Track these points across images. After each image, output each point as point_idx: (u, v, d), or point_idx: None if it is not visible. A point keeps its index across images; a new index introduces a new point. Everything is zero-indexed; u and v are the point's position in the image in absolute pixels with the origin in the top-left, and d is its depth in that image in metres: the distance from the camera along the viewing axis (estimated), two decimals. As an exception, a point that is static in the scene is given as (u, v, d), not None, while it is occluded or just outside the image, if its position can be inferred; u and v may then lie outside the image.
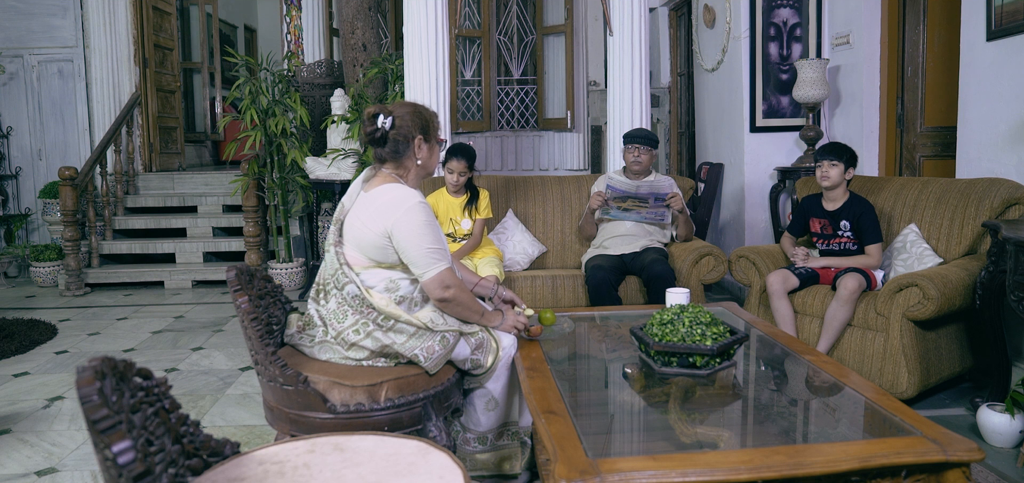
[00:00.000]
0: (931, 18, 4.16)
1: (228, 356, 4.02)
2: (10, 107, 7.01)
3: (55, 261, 6.15)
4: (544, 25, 6.64)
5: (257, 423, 3.05)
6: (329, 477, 1.40)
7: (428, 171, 2.30)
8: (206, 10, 8.59)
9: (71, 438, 2.93)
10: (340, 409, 2.00)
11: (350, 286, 2.10)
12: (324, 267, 2.21)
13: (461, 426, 2.40)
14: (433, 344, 2.11)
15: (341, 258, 2.14)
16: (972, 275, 2.99)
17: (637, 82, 4.57)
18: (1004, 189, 3.12)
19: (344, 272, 2.12)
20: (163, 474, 1.29)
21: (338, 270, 2.13)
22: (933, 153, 4.21)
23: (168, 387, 1.42)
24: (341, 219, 2.20)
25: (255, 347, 2.05)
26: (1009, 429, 2.60)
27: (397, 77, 5.34)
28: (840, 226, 3.39)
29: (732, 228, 5.41)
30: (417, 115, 2.22)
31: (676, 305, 2.21)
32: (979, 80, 3.49)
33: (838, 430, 1.78)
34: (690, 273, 3.63)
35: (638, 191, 3.75)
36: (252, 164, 5.70)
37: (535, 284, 3.74)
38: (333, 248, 2.17)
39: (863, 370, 3.08)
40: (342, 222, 2.19)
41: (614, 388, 2.16)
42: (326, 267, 2.20)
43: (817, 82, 4.62)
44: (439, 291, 2.13)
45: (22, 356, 4.07)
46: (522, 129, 6.76)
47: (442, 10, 4.42)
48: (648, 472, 1.41)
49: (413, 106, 2.25)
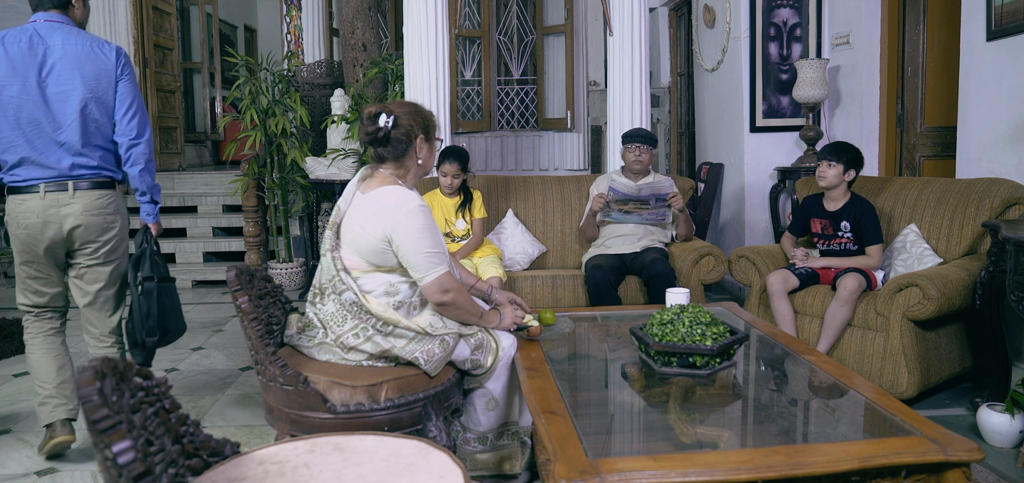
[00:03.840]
0: (931, 18, 4.16)
1: (228, 356, 4.02)
2: (10, 107, 6.98)
3: (55, 261, 6.11)
4: (544, 25, 6.64)
5: (257, 423, 3.05)
6: (329, 477, 1.40)
7: (426, 171, 2.30)
8: (206, 10, 8.59)
9: (71, 438, 2.93)
10: (340, 409, 2.00)
11: (348, 293, 2.09)
12: (321, 271, 2.19)
13: (461, 426, 2.40)
14: (433, 347, 2.10)
15: (338, 264, 2.11)
16: (972, 275, 2.99)
17: (637, 82, 4.57)
18: (1004, 189, 3.12)
19: (342, 279, 2.10)
20: (163, 474, 1.29)
21: (335, 277, 2.11)
22: (933, 153, 4.21)
23: (168, 387, 1.42)
24: (337, 223, 2.17)
25: (255, 347, 2.05)
26: (1009, 429, 2.60)
27: (397, 77, 5.34)
28: (841, 227, 3.39)
29: (732, 228, 5.41)
30: (418, 114, 2.22)
31: (676, 305, 2.21)
32: (979, 80, 3.49)
33: (838, 430, 1.78)
34: (690, 273, 3.63)
35: (639, 194, 3.74)
36: (252, 164, 5.70)
37: (535, 284, 3.74)
38: (330, 253, 2.14)
39: (863, 370, 3.08)
40: (339, 225, 2.17)
41: (614, 388, 2.16)
42: (323, 272, 2.18)
43: (817, 82, 4.62)
44: (438, 295, 2.13)
45: (22, 356, 4.07)
46: (522, 129, 6.76)
47: (442, 10, 4.42)
48: (648, 472, 1.41)
49: (413, 105, 2.24)
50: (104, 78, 2.58)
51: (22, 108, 2.48)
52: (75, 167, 2.55)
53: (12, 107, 2.48)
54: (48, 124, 2.51)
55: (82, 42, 2.57)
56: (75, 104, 2.52)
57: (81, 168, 2.56)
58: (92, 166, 2.59)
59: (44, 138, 2.51)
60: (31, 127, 2.50)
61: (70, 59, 2.53)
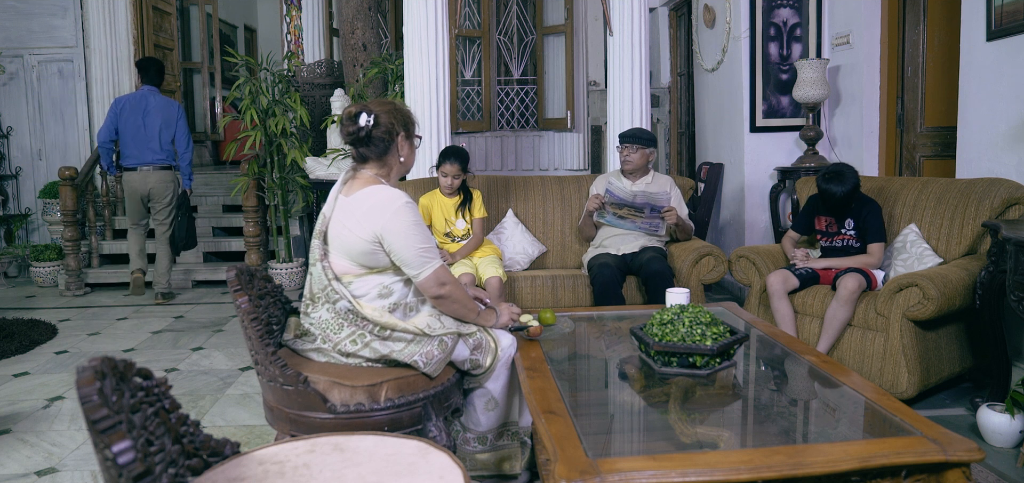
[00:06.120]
0: (931, 18, 4.16)
1: (228, 356, 4.02)
2: (10, 107, 7.01)
3: (55, 261, 6.15)
4: (544, 25, 6.64)
5: (257, 423, 3.05)
6: (329, 477, 1.40)
7: (407, 169, 2.29)
8: (206, 10, 8.59)
9: (71, 438, 2.93)
10: (340, 409, 2.00)
11: (342, 302, 2.08)
12: (312, 280, 2.16)
13: (461, 426, 2.40)
14: (432, 349, 2.10)
15: (329, 273, 2.09)
16: (972, 275, 2.99)
17: (637, 82, 4.57)
18: (1004, 189, 3.12)
19: (334, 288, 2.08)
20: (163, 474, 1.29)
21: (327, 286, 2.09)
22: (933, 153, 4.21)
23: (168, 387, 1.42)
24: (323, 230, 2.14)
25: (255, 347, 2.05)
26: (1009, 429, 2.60)
27: (397, 77, 5.34)
28: (845, 224, 3.39)
29: (732, 228, 5.42)
30: (398, 112, 2.21)
31: (676, 305, 2.21)
32: (979, 80, 3.49)
33: (838, 430, 1.78)
34: (690, 273, 3.63)
35: (635, 200, 3.74)
36: (252, 164, 5.70)
37: (535, 284, 3.74)
38: (319, 263, 2.11)
39: (863, 370, 3.08)
40: (325, 232, 2.14)
41: (614, 388, 2.16)
42: (314, 281, 2.15)
43: (817, 82, 4.62)
44: (435, 288, 2.13)
45: (22, 356, 4.07)
46: (522, 129, 6.76)
47: (442, 10, 4.42)
48: (648, 472, 1.41)
49: (392, 103, 2.22)
50: (170, 118, 5.32)
51: (135, 130, 5.24)
52: (156, 157, 5.27)
53: (131, 129, 5.24)
54: (144, 137, 5.25)
55: (161, 100, 5.35)
56: (156, 129, 5.26)
57: (157, 159, 5.28)
58: (161, 158, 5.30)
59: (141, 144, 5.24)
60: (137, 138, 5.24)
61: (156, 108, 5.30)
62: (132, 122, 5.20)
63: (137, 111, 5.21)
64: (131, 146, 5.21)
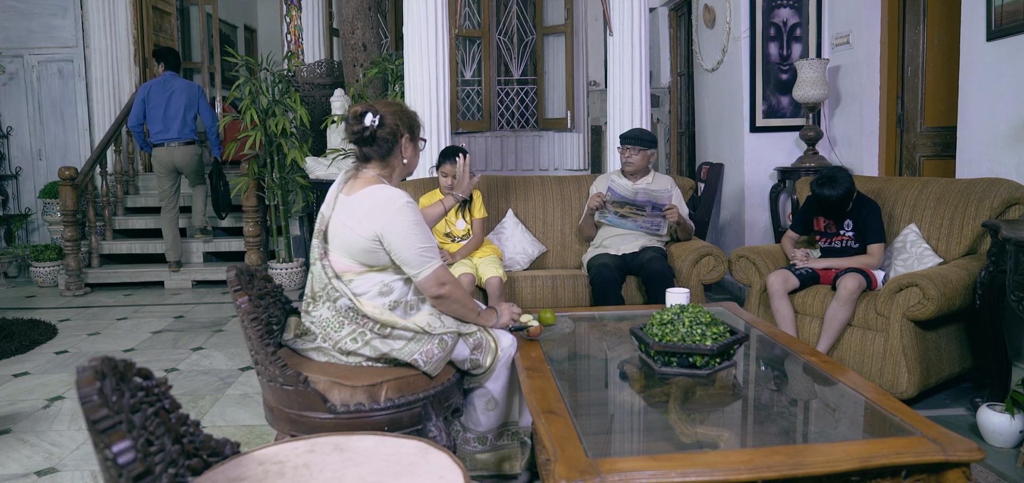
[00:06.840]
0: (931, 18, 4.16)
1: (228, 356, 4.02)
2: (10, 107, 7.01)
3: (55, 261, 6.15)
4: (544, 25, 6.64)
5: (257, 423, 3.05)
6: (329, 477, 1.40)
7: (410, 171, 2.29)
8: (206, 10, 8.58)
9: (71, 438, 2.93)
10: (340, 409, 2.00)
11: (342, 300, 2.08)
12: (312, 279, 2.17)
13: (461, 426, 2.40)
14: (432, 348, 2.10)
15: (329, 271, 2.10)
16: (972, 275, 2.99)
17: (637, 82, 4.57)
18: (1004, 189, 3.12)
19: (334, 286, 2.09)
20: (163, 474, 1.29)
21: (328, 284, 2.10)
22: (933, 153, 4.21)
23: (168, 387, 1.42)
24: (323, 229, 2.15)
25: (255, 347, 2.05)
26: (1009, 429, 2.60)
27: (397, 77, 5.34)
28: (844, 225, 3.39)
29: (732, 228, 5.42)
30: (403, 114, 2.21)
31: (676, 305, 2.21)
32: (979, 80, 3.49)
33: (838, 430, 1.78)
34: (690, 273, 3.63)
35: (636, 198, 3.74)
36: (252, 164, 5.70)
37: (535, 284, 3.74)
38: (319, 261, 2.12)
39: (863, 370, 3.07)
40: (325, 231, 2.15)
41: (614, 388, 2.16)
42: (315, 280, 2.16)
43: (817, 82, 4.62)
44: (435, 287, 2.13)
45: (22, 356, 4.07)
46: (522, 129, 6.76)
47: (442, 10, 4.42)
48: (648, 472, 1.41)
49: (398, 105, 2.23)
50: (193, 97, 5.91)
51: (162, 109, 5.78)
52: (181, 134, 5.83)
53: (159, 109, 5.77)
54: (170, 115, 5.79)
55: (183, 82, 5.91)
56: (181, 107, 5.82)
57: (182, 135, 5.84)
58: (186, 135, 5.86)
59: (168, 121, 5.79)
60: (165, 116, 5.78)
61: (180, 89, 5.84)
62: (158, 102, 5.75)
63: (163, 92, 5.77)
64: (159, 124, 5.76)
